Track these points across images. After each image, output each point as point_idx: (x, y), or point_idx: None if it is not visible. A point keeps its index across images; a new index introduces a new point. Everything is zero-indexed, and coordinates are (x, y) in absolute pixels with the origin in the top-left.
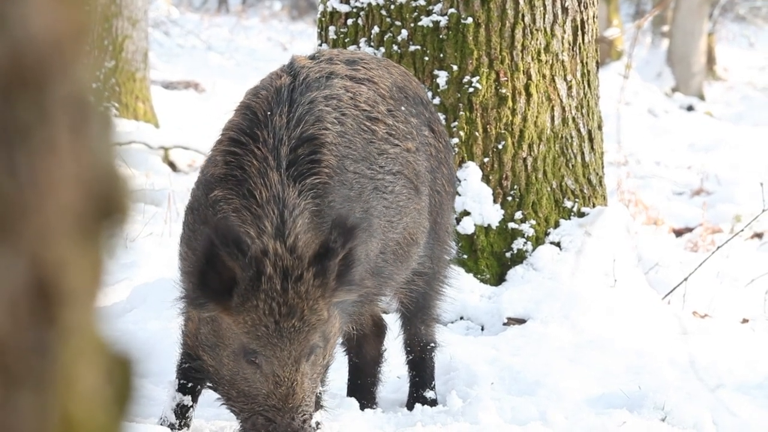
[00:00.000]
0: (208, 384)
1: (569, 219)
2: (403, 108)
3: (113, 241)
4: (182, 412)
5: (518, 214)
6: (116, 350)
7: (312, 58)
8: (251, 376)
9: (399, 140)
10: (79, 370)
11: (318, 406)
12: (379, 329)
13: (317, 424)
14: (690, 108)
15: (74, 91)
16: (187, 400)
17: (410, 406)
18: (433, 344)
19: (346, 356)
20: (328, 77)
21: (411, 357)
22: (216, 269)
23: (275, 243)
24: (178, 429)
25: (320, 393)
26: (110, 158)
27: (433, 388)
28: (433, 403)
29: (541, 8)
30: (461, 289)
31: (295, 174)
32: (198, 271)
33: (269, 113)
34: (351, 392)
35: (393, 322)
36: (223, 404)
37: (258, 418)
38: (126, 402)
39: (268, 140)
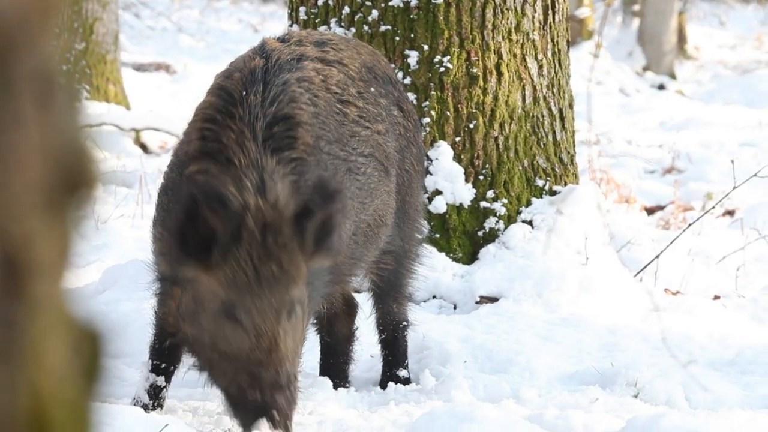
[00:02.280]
0: (192, 361)
1: (541, 197)
2: (372, 89)
3: (81, 215)
4: (155, 393)
5: (490, 193)
6: (85, 325)
7: (282, 40)
8: (231, 334)
9: (370, 122)
10: (48, 344)
11: None
12: (350, 308)
13: None
14: (661, 87)
15: (40, 65)
16: (160, 380)
17: (383, 385)
18: (405, 323)
19: (318, 336)
20: (299, 59)
21: (384, 336)
22: (196, 226)
23: (256, 199)
24: (152, 409)
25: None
26: (77, 132)
27: (406, 367)
28: (406, 381)
29: None
30: (434, 268)
31: (273, 147)
32: (178, 229)
33: (244, 93)
34: (323, 371)
35: (365, 302)
36: (207, 378)
37: (242, 376)
38: (95, 376)
39: (244, 116)
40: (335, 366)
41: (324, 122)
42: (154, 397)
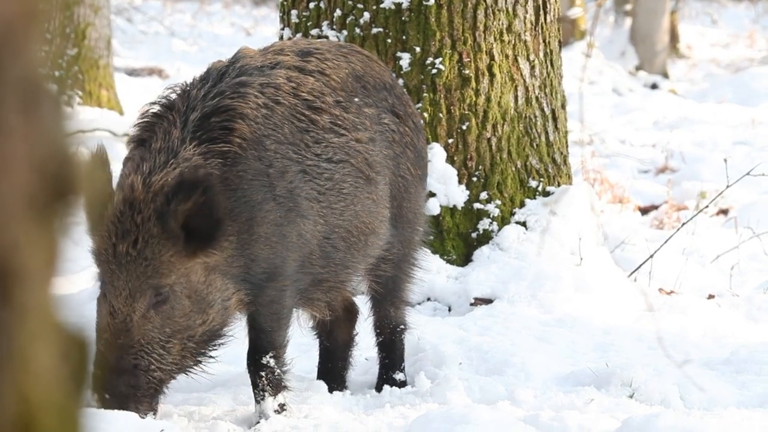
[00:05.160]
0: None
1: (534, 198)
2: (356, 99)
3: (69, 221)
4: None
5: (483, 195)
6: (73, 331)
7: (262, 50)
8: (100, 310)
9: (347, 131)
10: (36, 350)
11: (283, 387)
12: (350, 314)
13: (281, 406)
14: (654, 86)
15: (26, 73)
16: None
17: (379, 388)
18: (402, 326)
19: (317, 340)
20: (272, 67)
21: (381, 339)
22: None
23: (135, 177)
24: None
25: (283, 373)
26: (63, 140)
27: (402, 370)
28: (402, 384)
29: None
30: (428, 270)
31: (203, 138)
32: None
33: (189, 87)
34: (321, 375)
35: (363, 304)
36: None
37: (96, 353)
38: (83, 382)
39: (182, 108)
40: (333, 371)
41: (277, 124)
42: None
